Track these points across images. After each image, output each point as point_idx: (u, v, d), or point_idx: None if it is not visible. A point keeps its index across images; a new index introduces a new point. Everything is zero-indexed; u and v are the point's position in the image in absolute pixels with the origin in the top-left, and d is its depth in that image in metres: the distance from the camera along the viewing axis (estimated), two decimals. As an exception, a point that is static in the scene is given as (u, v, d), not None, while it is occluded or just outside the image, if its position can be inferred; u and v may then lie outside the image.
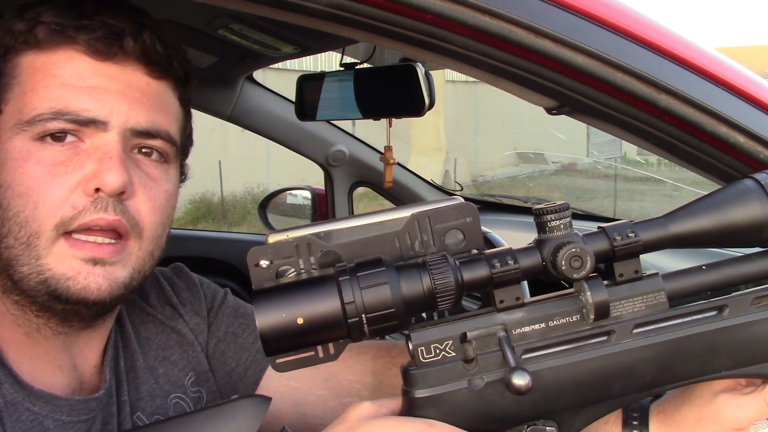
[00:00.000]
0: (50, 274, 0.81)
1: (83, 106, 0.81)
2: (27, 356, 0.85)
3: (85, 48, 0.82)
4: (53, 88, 0.82)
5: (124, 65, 0.84)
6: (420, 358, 0.64)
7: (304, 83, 1.98)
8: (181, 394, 1.00)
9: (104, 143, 0.82)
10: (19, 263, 0.81)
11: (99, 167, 0.81)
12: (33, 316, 0.85)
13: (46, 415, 0.82)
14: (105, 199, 0.81)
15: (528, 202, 2.66)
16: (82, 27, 0.82)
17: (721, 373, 0.68)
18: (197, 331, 1.05)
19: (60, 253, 0.81)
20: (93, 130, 0.82)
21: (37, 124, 0.81)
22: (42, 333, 0.86)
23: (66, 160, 0.81)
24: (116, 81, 0.84)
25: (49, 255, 0.81)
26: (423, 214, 0.66)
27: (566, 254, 0.62)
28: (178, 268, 1.11)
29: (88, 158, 0.82)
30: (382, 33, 0.76)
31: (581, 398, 0.66)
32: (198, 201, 11.64)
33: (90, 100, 0.82)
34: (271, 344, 0.61)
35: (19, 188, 0.80)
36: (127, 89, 0.84)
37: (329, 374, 1.00)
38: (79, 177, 0.81)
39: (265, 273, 0.63)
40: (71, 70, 0.82)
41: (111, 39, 0.83)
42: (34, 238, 0.80)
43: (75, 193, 0.81)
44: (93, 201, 0.81)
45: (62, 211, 0.80)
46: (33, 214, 0.80)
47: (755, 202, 0.65)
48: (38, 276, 0.81)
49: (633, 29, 0.79)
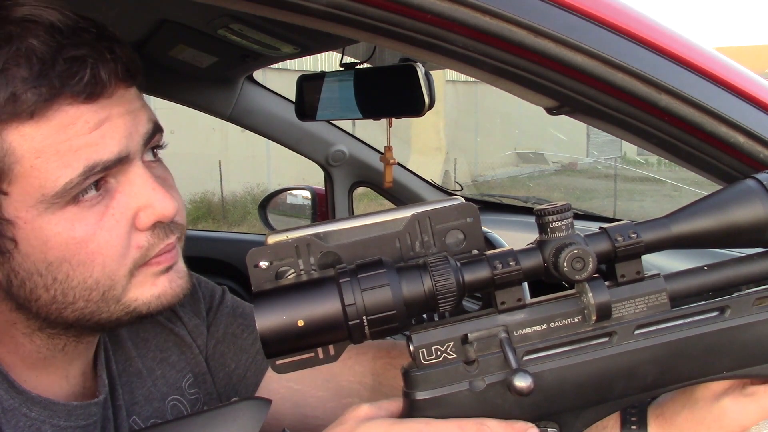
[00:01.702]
0: (138, 303, 0.81)
1: (106, 150, 0.76)
2: (34, 374, 0.84)
3: (79, 96, 0.74)
4: (65, 148, 0.73)
5: (113, 92, 0.78)
6: (421, 360, 0.64)
7: (304, 83, 1.98)
8: (178, 396, 0.99)
9: (134, 175, 0.79)
10: (95, 315, 0.80)
11: (148, 201, 0.79)
12: (65, 338, 0.84)
13: (44, 421, 0.81)
14: (162, 226, 0.81)
15: (528, 202, 2.66)
16: (64, 74, 0.73)
17: (722, 374, 0.68)
18: (196, 333, 1.04)
19: (140, 279, 0.81)
20: (118, 168, 0.78)
21: (71, 191, 0.74)
22: (64, 350, 0.85)
23: (107, 210, 0.78)
24: (113, 107, 0.78)
25: (130, 290, 0.80)
26: (423, 214, 0.66)
27: (568, 256, 0.62)
28: None
29: (127, 197, 0.79)
30: (382, 33, 0.76)
31: (583, 399, 0.66)
32: (198, 201, 11.64)
33: (106, 140, 0.76)
34: (272, 346, 0.61)
35: (77, 258, 0.76)
36: (123, 108, 0.79)
37: (329, 375, 0.99)
38: (129, 218, 0.79)
39: (264, 274, 0.63)
40: (70, 122, 0.74)
41: (97, 77, 0.75)
42: (110, 291, 0.79)
43: (133, 235, 0.79)
44: (153, 232, 0.81)
45: (131, 255, 0.79)
46: (103, 273, 0.78)
47: (757, 202, 0.65)
48: (124, 311, 0.81)
49: (633, 29, 0.78)
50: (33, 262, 0.76)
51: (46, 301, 0.78)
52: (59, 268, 0.76)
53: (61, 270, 0.76)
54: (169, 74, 2.10)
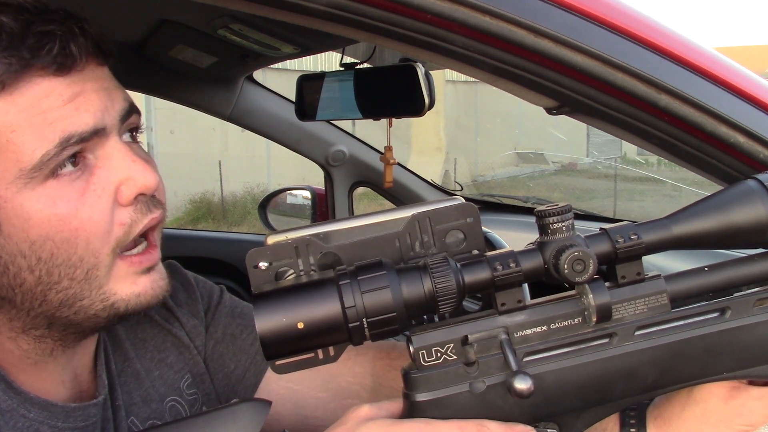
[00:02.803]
0: (117, 298, 0.81)
1: (81, 121, 0.76)
2: (29, 379, 0.84)
3: (49, 68, 0.75)
4: (39, 120, 0.74)
5: (85, 67, 0.78)
6: (421, 361, 0.64)
7: (304, 83, 1.98)
8: (176, 397, 0.99)
9: (112, 149, 0.79)
10: (77, 299, 0.79)
11: (129, 173, 0.79)
12: (51, 342, 0.84)
13: (42, 422, 0.81)
14: (144, 201, 0.81)
15: (528, 202, 2.66)
16: (34, 47, 0.74)
17: (723, 375, 0.68)
18: (194, 333, 1.04)
19: (121, 274, 0.81)
20: (95, 141, 0.78)
21: (48, 163, 0.74)
22: (53, 355, 0.85)
23: (88, 185, 0.78)
24: (86, 82, 0.78)
25: (110, 280, 0.80)
26: (423, 214, 0.66)
27: (569, 258, 0.62)
28: (172, 266, 1.08)
29: (107, 171, 0.79)
30: (382, 33, 0.76)
31: (583, 401, 0.66)
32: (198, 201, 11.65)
33: (81, 112, 0.76)
34: (271, 348, 0.61)
35: (60, 235, 0.76)
36: (97, 84, 0.79)
37: (329, 376, 0.99)
38: (112, 193, 0.79)
39: (264, 275, 0.63)
40: (43, 94, 0.74)
41: (68, 48, 0.76)
42: (93, 270, 0.78)
43: (116, 211, 0.79)
44: (135, 208, 0.80)
45: (114, 233, 0.79)
46: (87, 250, 0.77)
47: (758, 203, 0.65)
48: (102, 303, 0.80)
49: (633, 29, 0.78)
50: (16, 243, 0.76)
51: (31, 284, 0.77)
52: (43, 246, 0.76)
53: (44, 248, 0.76)
54: (169, 74, 2.10)
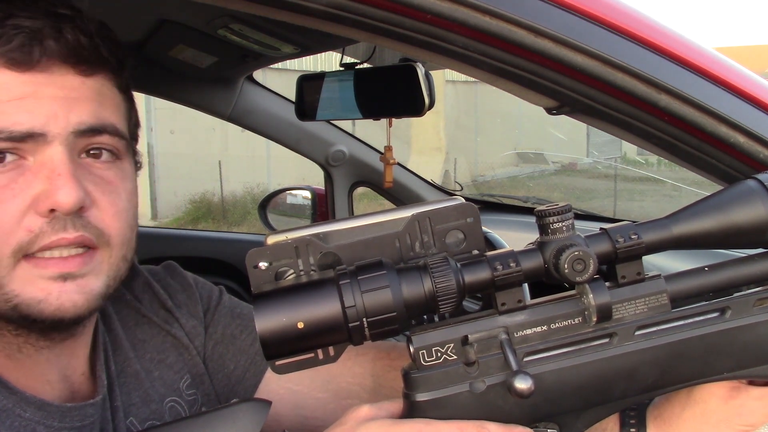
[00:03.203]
0: (19, 300, 0.76)
1: (15, 120, 0.74)
2: (13, 376, 0.82)
3: (3, 61, 0.74)
4: None
5: (51, 70, 0.77)
6: (421, 361, 0.64)
7: (304, 83, 1.98)
8: (176, 397, 0.99)
9: (49, 158, 0.76)
10: None
11: (49, 186, 0.75)
12: (12, 337, 0.82)
13: (38, 422, 0.80)
14: (62, 218, 0.76)
15: (528, 202, 2.66)
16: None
17: (723, 375, 0.68)
18: (193, 334, 1.03)
19: (24, 275, 0.76)
20: (33, 145, 0.76)
21: None
22: (24, 351, 0.83)
23: (10, 183, 0.75)
24: (45, 86, 0.76)
25: (12, 280, 0.76)
26: (423, 214, 0.65)
27: (569, 257, 0.62)
28: (171, 267, 1.08)
29: (35, 177, 0.76)
30: (382, 33, 0.76)
31: (583, 401, 0.66)
32: (198, 201, 11.65)
33: (21, 112, 0.75)
34: (271, 348, 0.61)
35: None
36: (60, 92, 0.77)
37: (329, 377, 0.99)
38: (28, 199, 0.76)
39: (264, 275, 0.63)
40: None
41: (30, 45, 0.75)
42: None
43: (28, 216, 0.76)
44: (49, 222, 0.76)
45: (18, 236, 0.75)
46: None
47: (758, 203, 0.65)
48: (6, 303, 0.76)
49: (633, 29, 0.78)
50: None
51: None
52: None
53: None
54: (169, 74, 2.10)
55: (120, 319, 0.99)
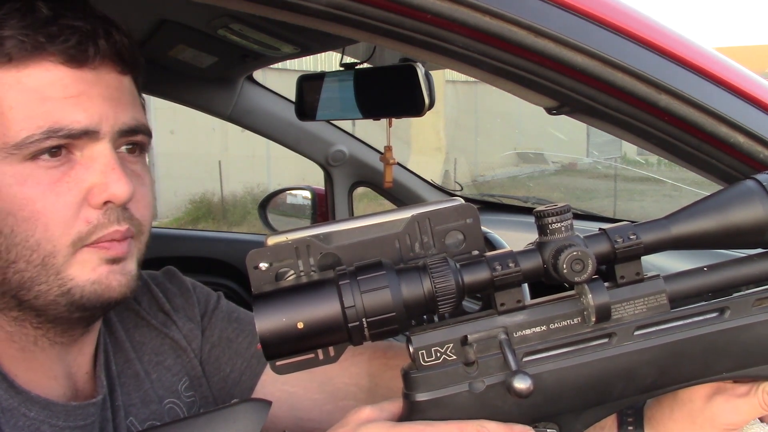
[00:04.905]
0: (73, 284, 0.80)
1: (73, 118, 0.78)
2: (21, 369, 0.84)
3: (61, 57, 0.78)
4: (36, 105, 0.77)
5: (99, 69, 0.81)
6: (420, 362, 0.64)
7: (304, 83, 1.98)
8: (175, 399, 0.99)
9: (99, 153, 0.80)
10: (35, 283, 0.79)
11: (104, 179, 0.80)
12: (32, 329, 0.84)
13: (42, 421, 0.81)
14: (115, 210, 0.81)
15: (528, 202, 2.66)
16: (53, 35, 0.77)
17: (722, 375, 0.68)
18: (191, 337, 1.04)
19: (83, 260, 0.80)
20: (85, 141, 0.80)
21: (29, 146, 0.77)
22: (39, 345, 0.85)
23: (63, 176, 0.79)
24: (96, 85, 0.81)
25: (70, 266, 0.80)
26: (423, 215, 0.66)
27: (567, 257, 0.62)
28: (170, 272, 1.10)
29: (86, 170, 0.80)
30: (382, 33, 0.76)
31: (582, 401, 0.66)
32: (198, 201, 11.65)
33: (78, 110, 0.79)
34: (271, 348, 0.61)
35: (22, 213, 0.77)
36: (107, 91, 0.82)
37: (325, 378, 0.99)
38: (83, 191, 0.80)
39: (264, 275, 0.63)
40: (48, 82, 0.78)
41: (86, 44, 0.79)
42: (50, 257, 0.79)
43: (84, 208, 0.80)
44: (104, 213, 0.80)
45: (77, 227, 0.79)
46: (45, 236, 0.78)
47: (757, 203, 0.65)
48: (59, 289, 0.80)
49: (633, 29, 0.78)
50: None
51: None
52: (5, 220, 0.78)
53: (6, 223, 0.78)
54: (169, 74, 2.10)
55: (120, 321, 1.00)
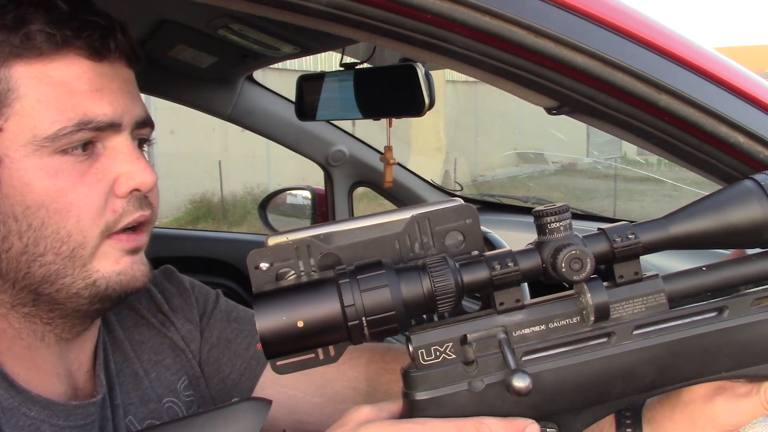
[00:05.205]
0: (99, 275, 0.82)
1: (101, 111, 0.80)
2: (24, 367, 0.84)
3: (86, 51, 0.80)
4: (65, 98, 0.79)
5: (114, 63, 0.84)
6: (420, 361, 0.64)
7: (304, 83, 1.98)
8: (174, 398, 1.00)
9: (121, 144, 0.83)
10: (59, 276, 0.80)
11: (131, 168, 0.83)
12: (41, 325, 0.84)
13: (43, 420, 0.81)
14: (138, 198, 0.84)
15: (528, 202, 2.66)
16: (79, 28, 0.80)
17: (721, 374, 0.68)
18: (189, 338, 1.04)
19: (107, 251, 0.82)
20: (108, 133, 0.82)
21: (61, 138, 0.78)
22: (45, 341, 0.85)
23: (91, 168, 0.81)
24: (114, 79, 0.83)
25: (95, 259, 0.82)
26: (423, 215, 0.66)
27: (566, 256, 0.62)
28: (168, 271, 1.09)
29: (112, 161, 0.82)
30: (382, 33, 0.76)
31: (581, 400, 0.66)
32: (198, 201, 11.65)
33: (104, 103, 0.81)
34: (271, 347, 0.61)
35: (54, 205, 0.78)
36: (123, 85, 0.85)
37: (324, 381, 0.99)
38: (110, 181, 0.82)
39: (265, 275, 0.63)
40: (75, 75, 0.80)
41: (107, 38, 0.82)
42: (79, 249, 0.80)
43: (110, 198, 0.82)
44: (128, 201, 0.83)
45: (105, 217, 0.81)
46: (77, 227, 0.80)
47: (755, 203, 0.65)
48: (84, 281, 0.81)
49: (633, 29, 0.78)
50: (11, 205, 0.78)
51: (17, 251, 0.79)
52: (36, 213, 0.78)
53: (37, 216, 0.79)
54: (169, 74, 2.10)
55: (119, 320, 1.00)
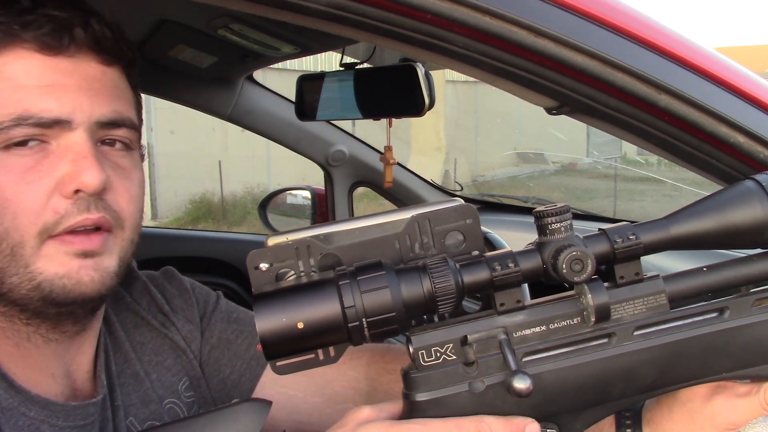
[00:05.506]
0: (42, 278, 0.79)
1: (44, 107, 0.78)
2: (19, 367, 0.83)
3: (35, 45, 0.78)
4: (8, 92, 0.77)
5: (77, 57, 0.81)
6: (420, 361, 0.64)
7: (304, 83, 1.98)
8: (175, 399, 0.99)
9: (73, 143, 0.80)
10: (7, 274, 0.79)
11: (75, 168, 0.79)
12: (22, 325, 0.83)
13: (42, 420, 0.81)
14: (86, 199, 0.79)
15: (528, 202, 2.66)
16: (28, 23, 0.78)
17: (721, 375, 0.68)
18: (190, 338, 1.04)
19: (50, 253, 0.79)
20: (58, 131, 0.79)
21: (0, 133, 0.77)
22: (32, 341, 0.84)
23: (36, 165, 0.78)
24: (72, 75, 0.80)
25: (38, 259, 0.79)
26: (423, 216, 0.66)
27: (567, 257, 0.62)
28: (169, 272, 1.09)
29: (59, 160, 0.79)
30: (382, 33, 0.76)
31: (582, 400, 0.66)
32: (198, 201, 11.66)
33: (50, 99, 0.78)
34: (272, 348, 0.61)
35: None
36: (85, 82, 0.81)
37: (324, 381, 0.99)
38: (54, 181, 0.79)
39: (264, 276, 0.63)
40: (23, 70, 0.78)
41: (60, 32, 0.79)
42: (19, 248, 0.78)
43: (54, 198, 0.79)
44: (74, 203, 0.79)
45: (44, 217, 0.78)
46: (13, 225, 0.77)
47: (756, 203, 0.65)
48: (30, 283, 0.79)
49: (633, 29, 0.78)
50: None
51: None
52: None
53: None
54: (169, 74, 2.10)
55: (120, 321, 1.00)
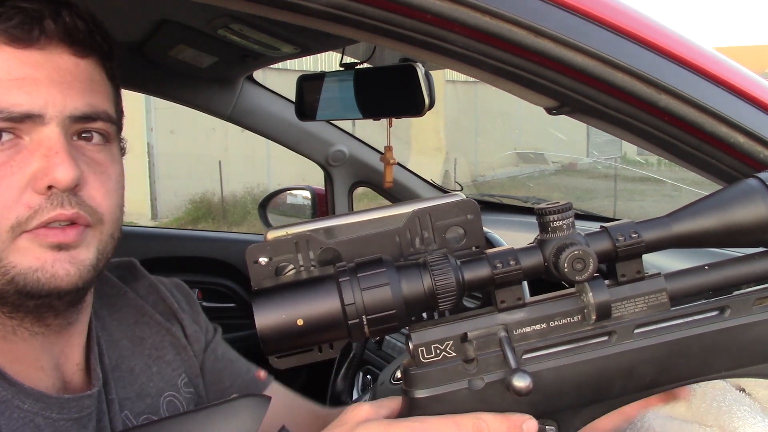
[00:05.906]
0: (16, 272, 0.78)
1: (14, 101, 0.77)
2: (7, 360, 0.83)
3: (4, 38, 0.77)
4: None
5: (48, 49, 0.80)
6: (420, 358, 0.64)
7: (304, 83, 1.98)
8: (174, 392, 1.00)
9: (45, 137, 0.78)
10: None
11: (47, 164, 0.77)
12: (6, 319, 0.83)
13: (36, 413, 0.81)
14: (59, 195, 0.78)
15: (528, 202, 2.66)
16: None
17: (721, 374, 0.68)
18: (194, 338, 1.06)
19: (24, 246, 0.78)
20: (30, 125, 0.78)
21: None
22: (18, 335, 0.84)
23: (9, 161, 0.78)
24: (43, 68, 0.79)
25: (11, 253, 0.78)
26: (424, 210, 0.66)
27: (569, 256, 0.62)
28: (180, 284, 1.12)
29: (31, 155, 0.78)
30: (382, 33, 0.76)
31: (581, 398, 0.66)
32: (198, 201, 11.67)
33: (20, 93, 0.77)
34: (271, 345, 0.61)
35: None
36: (57, 75, 0.80)
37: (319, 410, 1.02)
38: (27, 176, 0.78)
39: (264, 270, 0.63)
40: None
41: (30, 24, 0.78)
42: None
43: (26, 193, 0.78)
44: (47, 198, 0.78)
45: (17, 212, 0.77)
46: None
47: (759, 201, 0.65)
48: (3, 277, 0.78)
49: (633, 29, 0.79)
50: None
51: None
52: None
53: None
54: (169, 74, 2.10)
55: (119, 317, 1.00)
